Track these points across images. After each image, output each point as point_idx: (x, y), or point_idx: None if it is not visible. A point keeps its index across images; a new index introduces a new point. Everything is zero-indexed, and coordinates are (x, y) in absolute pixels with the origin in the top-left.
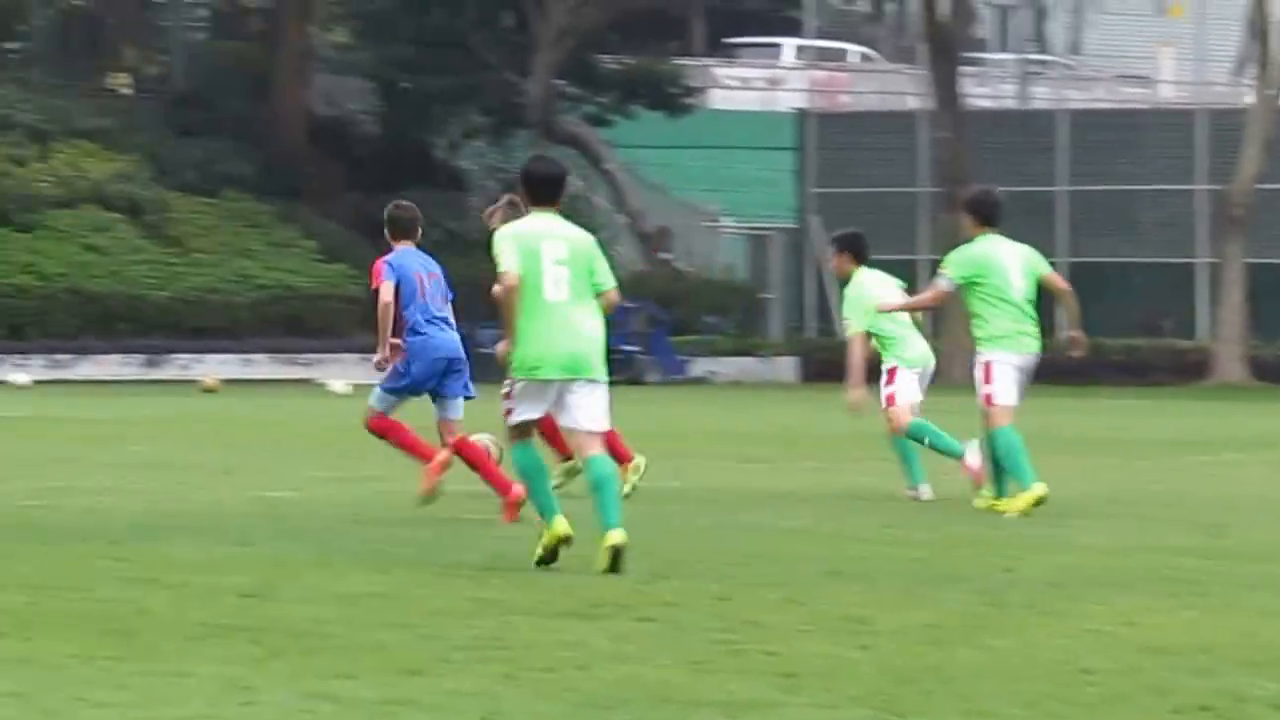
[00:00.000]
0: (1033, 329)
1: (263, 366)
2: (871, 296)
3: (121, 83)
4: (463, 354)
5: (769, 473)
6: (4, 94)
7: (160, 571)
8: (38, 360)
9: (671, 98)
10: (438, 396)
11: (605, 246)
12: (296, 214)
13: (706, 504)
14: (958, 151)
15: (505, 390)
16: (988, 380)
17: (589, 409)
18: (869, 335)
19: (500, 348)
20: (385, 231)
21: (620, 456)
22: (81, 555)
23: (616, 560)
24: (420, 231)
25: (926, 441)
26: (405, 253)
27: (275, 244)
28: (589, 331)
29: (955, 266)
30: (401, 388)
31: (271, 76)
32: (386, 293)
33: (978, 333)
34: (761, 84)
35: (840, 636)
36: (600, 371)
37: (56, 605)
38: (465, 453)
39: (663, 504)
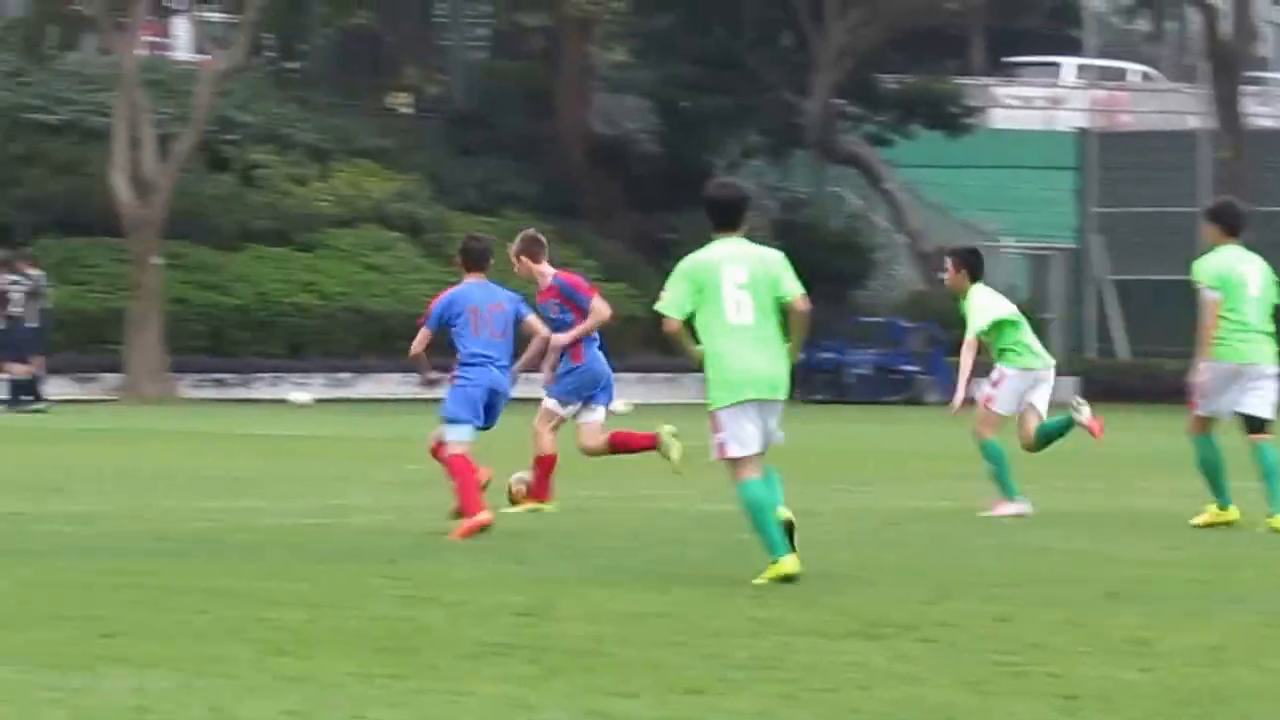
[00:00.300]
0: (1261, 339)
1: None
2: (985, 311)
3: (402, 102)
4: (503, 391)
5: (1047, 493)
6: (285, 113)
7: (438, 590)
8: (318, 379)
9: (951, 117)
10: None
11: (879, 267)
12: (576, 233)
13: (985, 525)
14: (1239, 171)
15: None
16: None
17: (771, 432)
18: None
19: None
20: (458, 261)
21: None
22: (360, 573)
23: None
24: (491, 263)
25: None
26: (469, 287)
27: (554, 263)
28: (774, 352)
29: (1208, 276)
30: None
31: (551, 96)
32: (418, 343)
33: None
34: (1042, 103)
35: (1121, 658)
36: (783, 390)
37: (335, 623)
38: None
39: (942, 524)
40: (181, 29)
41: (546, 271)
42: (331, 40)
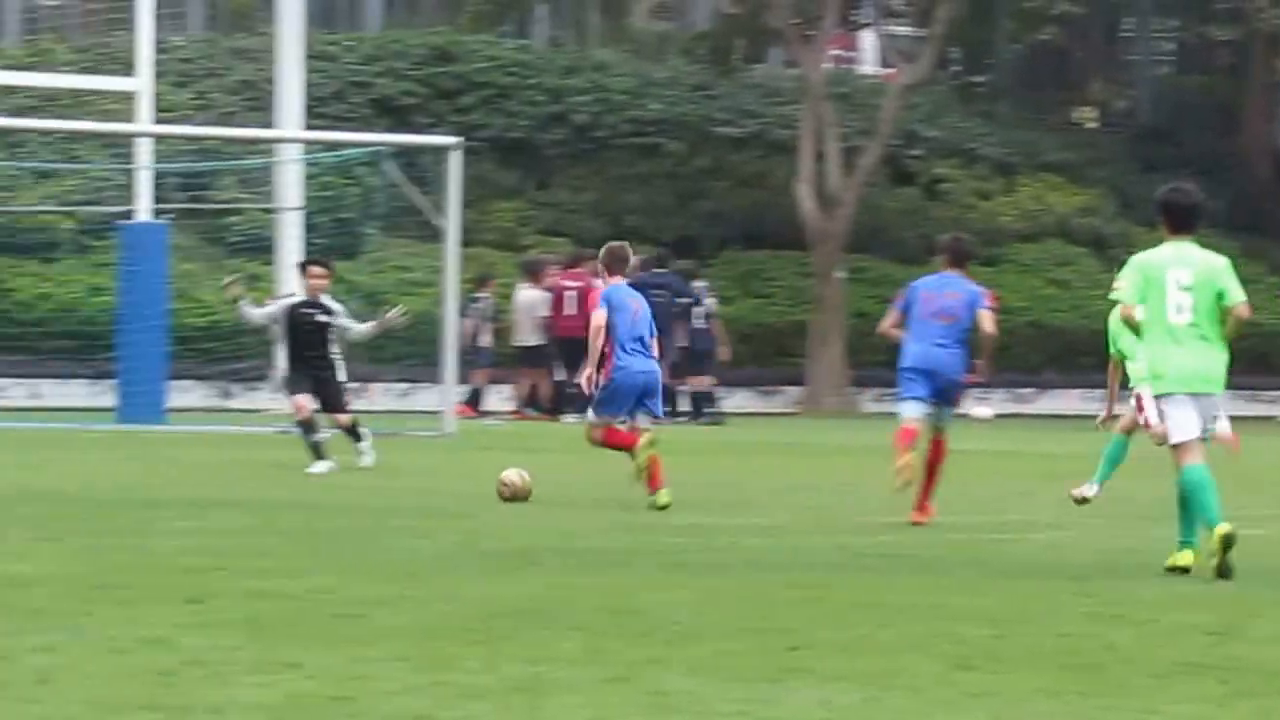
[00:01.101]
0: None
1: (1230, 404)
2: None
3: (1087, 116)
4: (942, 370)
5: None
6: (970, 126)
7: (1126, 608)
8: (999, 394)
9: None
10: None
11: None
12: (1263, 250)
13: None
14: None
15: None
16: None
17: (1207, 417)
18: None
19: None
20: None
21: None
22: (1045, 590)
23: (1228, 547)
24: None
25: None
26: (932, 277)
27: (1240, 280)
28: (1208, 350)
29: None
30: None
31: (1238, 110)
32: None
33: None
34: None
35: None
36: (1218, 385)
37: (1021, 639)
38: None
39: None
40: (868, 42)
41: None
42: (1018, 54)
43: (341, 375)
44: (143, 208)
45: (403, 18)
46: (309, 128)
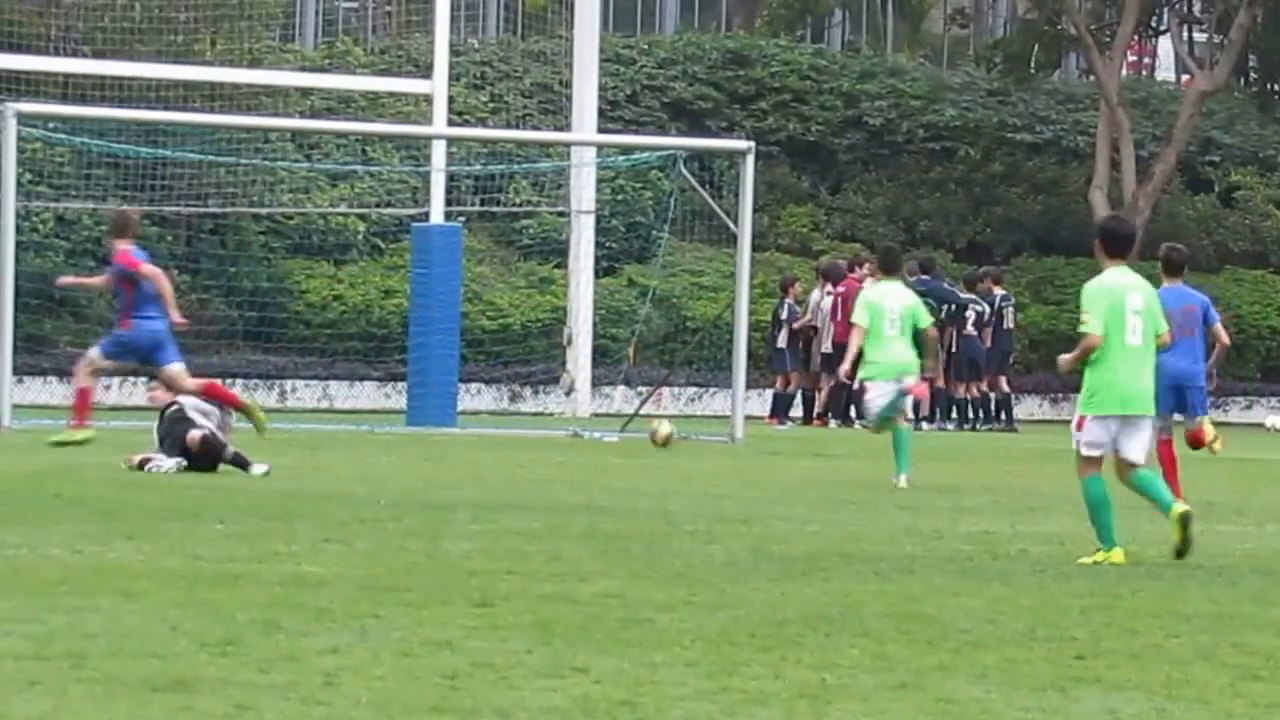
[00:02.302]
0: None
1: None
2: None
3: None
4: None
5: None
6: (1267, 134)
7: None
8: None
9: None
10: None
11: None
12: None
13: None
14: None
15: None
16: None
17: (1139, 442)
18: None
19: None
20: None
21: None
22: None
23: (1187, 527)
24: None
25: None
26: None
27: None
28: (1149, 373)
29: None
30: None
31: None
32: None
33: None
34: None
35: None
36: (1151, 408)
37: None
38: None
39: None
40: (1164, 49)
41: (117, 248)
42: None
43: None
44: (436, 210)
45: (698, 21)
46: (603, 131)
